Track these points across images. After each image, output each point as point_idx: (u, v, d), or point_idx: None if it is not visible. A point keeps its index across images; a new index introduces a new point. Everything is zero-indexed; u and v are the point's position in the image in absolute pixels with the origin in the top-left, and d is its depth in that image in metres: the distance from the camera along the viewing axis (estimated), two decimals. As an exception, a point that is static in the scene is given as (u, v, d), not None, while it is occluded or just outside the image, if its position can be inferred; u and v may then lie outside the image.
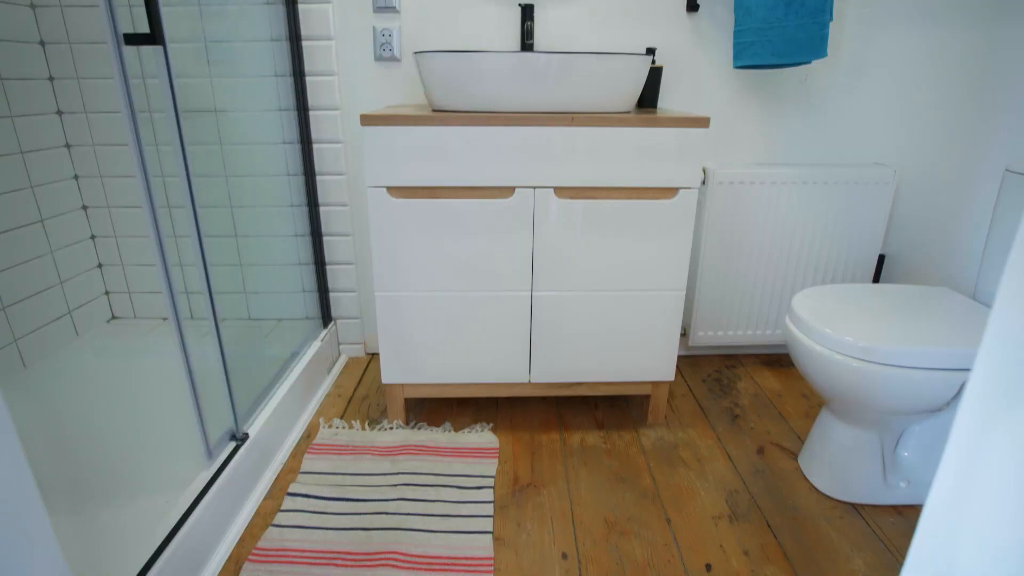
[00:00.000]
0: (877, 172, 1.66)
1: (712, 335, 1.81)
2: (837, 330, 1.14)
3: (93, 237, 1.86)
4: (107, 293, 1.93)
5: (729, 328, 1.80)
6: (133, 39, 0.94)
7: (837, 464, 1.29)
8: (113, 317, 1.96)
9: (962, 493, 0.32)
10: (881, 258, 1.79)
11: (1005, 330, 0.30)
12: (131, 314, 1.96)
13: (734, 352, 1.94)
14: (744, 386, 1.74)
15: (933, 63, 1.63)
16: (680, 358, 1.91)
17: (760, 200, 1.67)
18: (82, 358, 1.73)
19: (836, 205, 1.68)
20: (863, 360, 1.11)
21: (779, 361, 1.89)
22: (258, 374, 1.44)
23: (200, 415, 1.09)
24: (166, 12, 0.97)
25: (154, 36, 0.96)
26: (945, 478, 0.34)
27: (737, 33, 1.53)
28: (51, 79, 1.70)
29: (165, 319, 1.96)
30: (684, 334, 1.87)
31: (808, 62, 1.51)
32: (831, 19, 1.46)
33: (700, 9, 1.61)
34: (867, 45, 1.65)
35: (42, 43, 1.67)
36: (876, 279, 1.80)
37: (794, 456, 1.43)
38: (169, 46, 0.98)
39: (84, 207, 1.83)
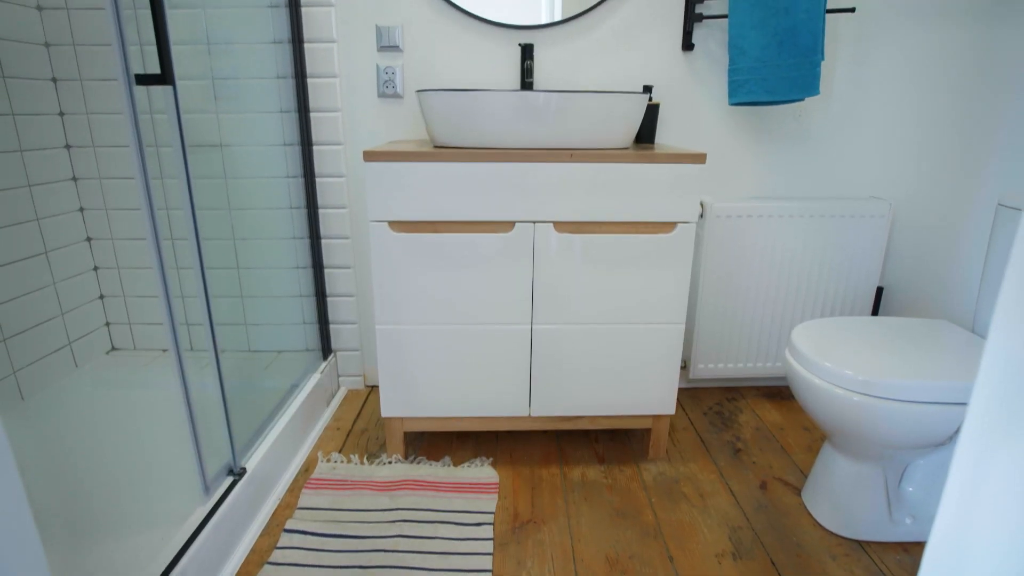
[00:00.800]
0: (873, 205, 1.68)
1: (713, 367, 1.80)
2: (837, 364, 1.14)
3: (96, 269, 1.88)
4: (108, 324, 1.93)
5: (730, 360, 1.80)
6: (144, 79, 0.97)
7: (841, 499, 1.27)
8: (113, 348, 1.95)
9: (964, 528, 0.32)
10: (879, 290, 1.80)
11: (1000, 361, 0.30)
12: (131, 345, 1.96)
13: (735, 384, 1.93)
14: (745, 419, 1.73)
15: (924, 99, 1.67)
16: (681, 391, 1.90)
17: (758, 233, 1.68)
18: (81, 390, 1.72)
19: (833, 238, 1.70)
20: (863, 394, 1.11)
21: (780, 393, 1.88)
22: (257, 407, 1.43)
23: (198, 450, 1.08)
24: (176, 51, 1.00)
25: (164, 77, 0.99)
26: (947, 513, 0.33)
27: (732, 71, 1.57)
28: (61, 114, 1.74)
29: (165, 350, 1.96)
30: (684, 366, 1.86)
31: (802, 99, 1.55)
32: (823, 58, 1.50)
33: (695, 48, 1.65)
34: (859, 82, 1.69)
35: (54, 80, 1.71)
36: (875, 311, 1.81)
37: (797, 491, 1.41)
38: (178, 84, 1.01)
39: (88, 239, 1.85)
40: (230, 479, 1.19)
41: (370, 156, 1.26)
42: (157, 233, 0.98)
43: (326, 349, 1.84)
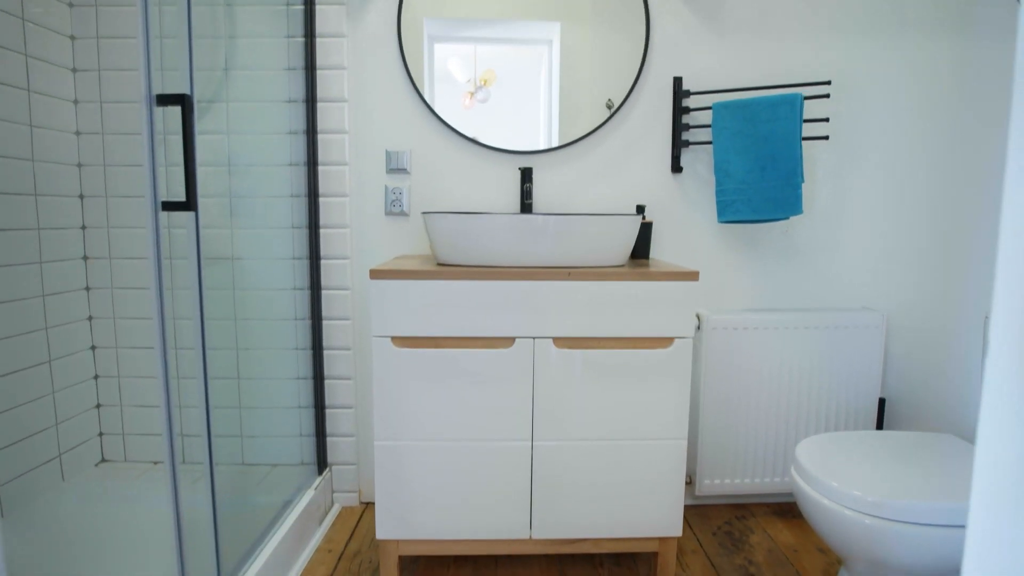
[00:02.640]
0: (866, 316, 1.72)
1: (719, 483, 1.75)
2: (844, 483, 1.12)
3: (96, 377, 1.88)
4: (101, 435, 1.90)
5: (736, 476, 1.75)
6: (170, 206, 1.03)
7: (864, 635, 1.19)
8: (103, 460, 1.90)
9: None
10: (882, 402, 1.79)
11: (991, 481, 0.31)
12: (122, 457, 1.91)
13: (744, 501, 1.86)
14: (757, 540, 1.65)
15: (904, 214, 1.76)
16: (688, 508, 1.83)
17: (756, 345, 1.70)
18: (66, 506, 1.66)
19: (830, 349, 1.72)
20: (875, 516, 1.07)
21: (791, 511, 1.81)
22: (247, 527, 1.38)
23: (183, 578, 1.03)
24: (199, 172, 1.07)
25: (189, 204, 1.05)
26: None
27: (719, 192, 1.67)
28: (83, 228, 1.82)
29: (155, 463, 1.91)
30: (690, 482, 1.81)
31: (787, 218, 1.63)
32: (803, 180, 1.61)
33: (684, 170, 1.77)
34: (840, 200, 1.79)
35: (81, 196, 1.81)
36: (879, 423, 1.79)
37: (817, 623, 1.32)
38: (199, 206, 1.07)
39: (92, 347, 1.86)
40: (213, 610, 1.12)
41: (376, 274, 1.31)
42: (165, 344, 1.01)
43: (322, 463, 1.79)
